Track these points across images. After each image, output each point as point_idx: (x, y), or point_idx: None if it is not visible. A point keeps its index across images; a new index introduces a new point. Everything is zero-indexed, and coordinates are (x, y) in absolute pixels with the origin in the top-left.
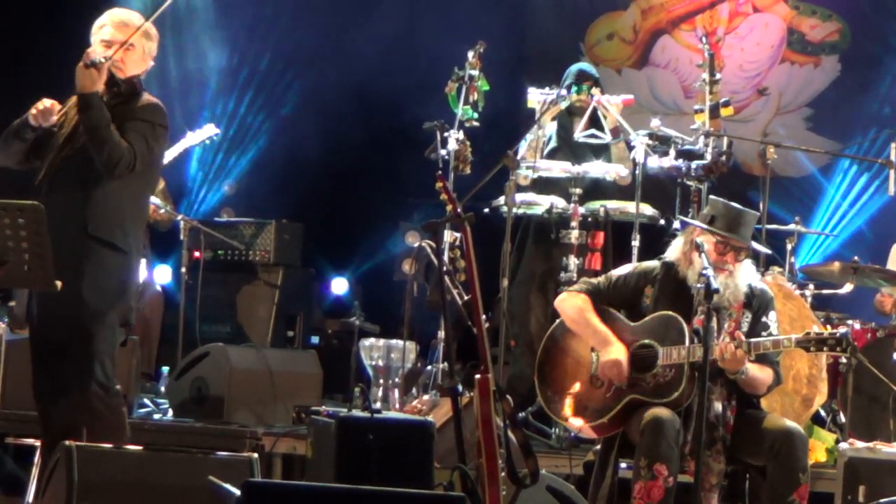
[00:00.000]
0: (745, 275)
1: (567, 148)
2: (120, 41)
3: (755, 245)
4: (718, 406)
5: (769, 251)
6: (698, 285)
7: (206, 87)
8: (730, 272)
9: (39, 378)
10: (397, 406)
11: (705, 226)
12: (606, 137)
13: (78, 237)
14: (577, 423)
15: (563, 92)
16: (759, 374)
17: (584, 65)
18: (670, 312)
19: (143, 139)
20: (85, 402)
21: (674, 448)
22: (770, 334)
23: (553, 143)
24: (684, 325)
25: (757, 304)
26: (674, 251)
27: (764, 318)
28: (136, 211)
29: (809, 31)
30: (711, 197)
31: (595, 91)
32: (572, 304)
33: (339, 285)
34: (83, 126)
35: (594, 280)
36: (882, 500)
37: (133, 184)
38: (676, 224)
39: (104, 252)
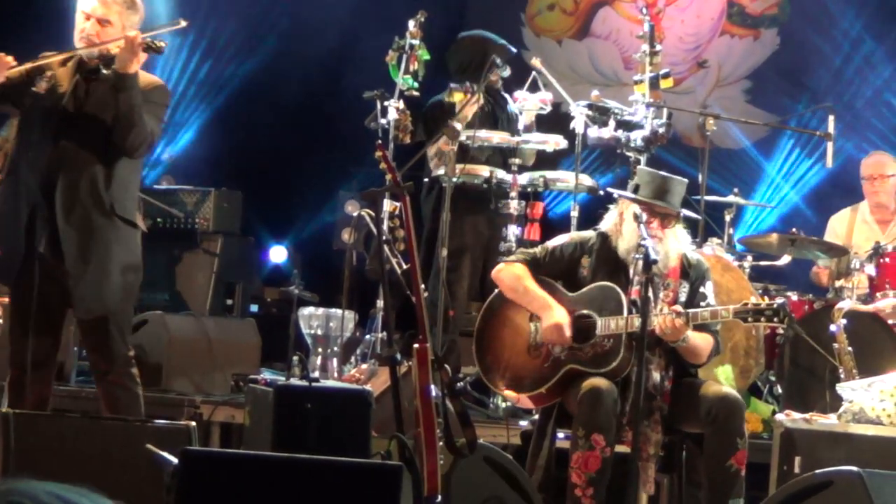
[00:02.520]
0: (676, 242)
1: (492, 118)
2: (99, 17)
3: (685, 211)
4: (656, 376)
5: (700, 216)
6: (636, 255)
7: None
8: (659, 239)
9: (92, 359)
10: (335, 375)
11: (630, 195)
12: (547, 108)
13: (105, 217)
14: (514, 393)
15: (500, 71)
16: (700, 341)
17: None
18: (608, 283)
19: (156, 120)
20: (129, 372)
21: (611, 418)
22: (708, 304)
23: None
24: (622, 295)
25: (694, 274)
26: (607, 222)
27: (701, 289)
28: (138, 187)
29: (749, 4)
30: (639, 167)
31: (535, 62)
32: (510, 273)
33: (279, 254)
34: (120, 106)
35: (531, 251)
36: (817, 472)
37: (137, 161)
38: None
39: (127, 231)
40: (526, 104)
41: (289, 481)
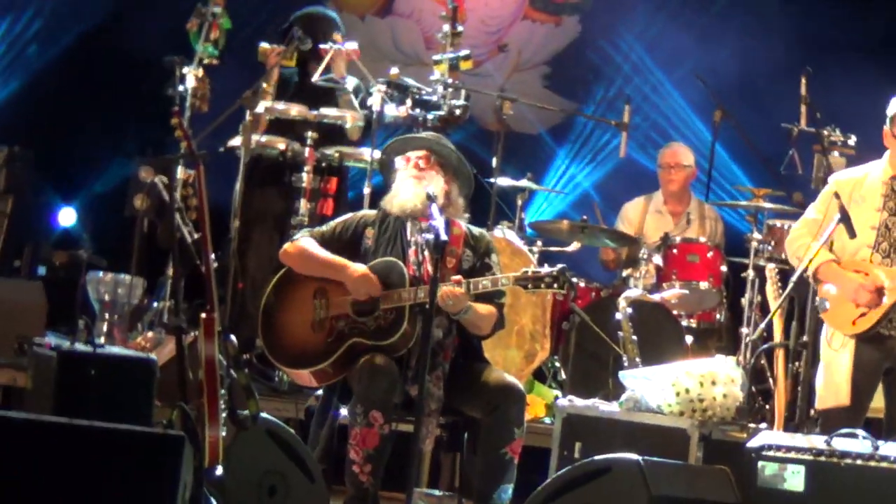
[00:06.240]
0: (440, 185)
1: (303, 92)
2: None
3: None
4: (439, 333)
5: (469, 169)
6: (425, 235)
7: None
8: (419, 179)
9: None
10: (121, 342)
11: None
12: (345, 83)
13: None
14: (296, 370)
15: (301, 45)
16: (483, 311)
17: (317, 11)
18: (391, 258)
19: None
20: None
21: (390, 395)
22: (492, 275)
23: (292, 89)
24: (405, 269)
25: (477, 244)
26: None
27: (486, 260)
28: None
29: None
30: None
31: (337, 37)
32: (297, 247)
33: (68, 216)
34: None
35: (315, 229)
36: (596, 457)
37: None
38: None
39: None
40: (336, 56)
41: (69, 446)
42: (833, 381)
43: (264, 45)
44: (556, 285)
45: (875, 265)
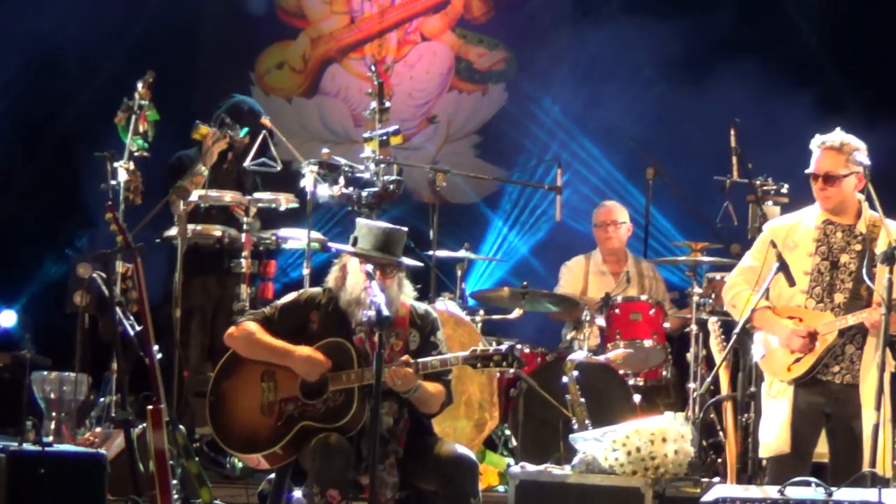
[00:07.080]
0: (398, 292)
1: (221, 179)
2: None
3: (405, 260)
4: (389, 420)
5: (420, 263)
6: (367, 312)
7: None
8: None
9: None
10: (70, 439)
11: (349, 248)
12: (277, 166)
13: None
14: (248, 454)
15: (231, 131)
16: (432, 390)
17: (242, 102)
18: (338, 339)
19: None
20: None
21: (345, 472)
22: (439, 353)
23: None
24: (353, 350)
25: (423, 323)
26: (331, 277)
27: (432, 338)
28: None
29: (477, 60)
30: (358, 219)
31: (265, 121)
32: (243, 331)
33: (8, 318)
34: None
35: (261, 311)
36: None
37: None
38: None
39: None
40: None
41: None
42: (773, 429)
43: (203, 128)
44: (504, 363)
45: (809, 310)
